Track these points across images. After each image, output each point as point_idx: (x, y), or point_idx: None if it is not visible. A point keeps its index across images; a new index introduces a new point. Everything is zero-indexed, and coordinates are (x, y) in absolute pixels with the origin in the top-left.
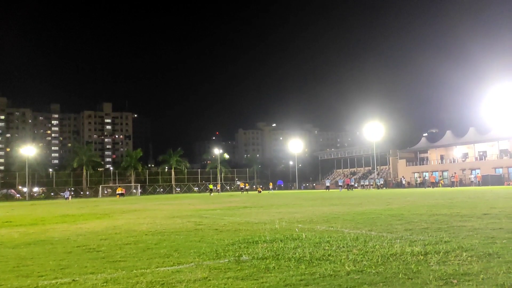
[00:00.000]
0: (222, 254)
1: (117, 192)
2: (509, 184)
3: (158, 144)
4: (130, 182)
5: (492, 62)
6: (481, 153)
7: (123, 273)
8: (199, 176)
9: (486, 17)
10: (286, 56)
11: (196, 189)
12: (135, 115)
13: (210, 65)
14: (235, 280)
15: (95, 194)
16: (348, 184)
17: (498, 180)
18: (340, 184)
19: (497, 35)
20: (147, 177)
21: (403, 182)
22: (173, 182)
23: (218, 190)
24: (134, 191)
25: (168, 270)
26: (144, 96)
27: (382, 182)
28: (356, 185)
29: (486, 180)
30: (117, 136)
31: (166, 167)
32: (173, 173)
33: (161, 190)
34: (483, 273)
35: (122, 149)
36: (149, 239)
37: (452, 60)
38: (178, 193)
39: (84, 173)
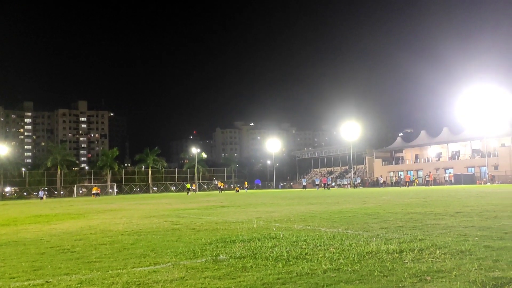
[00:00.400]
0: (199, 253)
1: (92, 192)
2: (481, 183)
3: (134, 143)
4: (106, 182)
5: (465, 63)
6: (454, 153)
7: (98, 274)
8: (176, 176)
9: (461, 20)
10: (264, 55)
11: (173, 188)
12: (111, 114)
13: (187, 64)
14: (212, 280)
15: (70, 194)
16: (325, 183)
17: (470, 179)
18: (317, 183)
19: (471, 38)
20: (123, 176)
21: (380, 181)
22: (150, 182)
23: (195, 189)
24: (110, 190)
25: (145, 270)
26: (121, 95)
27: (359, 181)
28: (333, 184)
29: (458, 179)
30: (92, 135)
31: (143, 166)
32: (150, 172)
33: (138, 189)
34: (456, 270)
35: (97, 148)
36: (125, 239)
37: (427, 62)
38: (155, 192)
39: (58, 173)
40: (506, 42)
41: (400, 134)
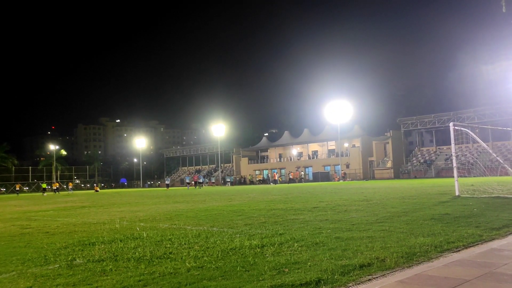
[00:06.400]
0: (52, 259)
1: None
2: (335, 180)
3: None
4: None
5: (324, 74)
6: (313, 152)
7: None
8: (30, 175)
9: (325, 34)
10: (130, 51)
11: (26, 188)
12: None
13: (43, 51)
14: (65, 287)
15: None
16: (195, 182)
17: (326, 177)
18: (187, 181)
19: (329, 52)
20: None
21: (247, 179)
22: None
23: (55, 189)
24: None
25: None
26: None
27: (228, 180)
28: (201, 180)
29: (317, 177)
30: None
31: None
32: None
33: None
34: (311, 261)
35: None
36: None
37: (291, 68)
38: (3, 193)
39: None
40: (355, 61)
41: (266, 134)
